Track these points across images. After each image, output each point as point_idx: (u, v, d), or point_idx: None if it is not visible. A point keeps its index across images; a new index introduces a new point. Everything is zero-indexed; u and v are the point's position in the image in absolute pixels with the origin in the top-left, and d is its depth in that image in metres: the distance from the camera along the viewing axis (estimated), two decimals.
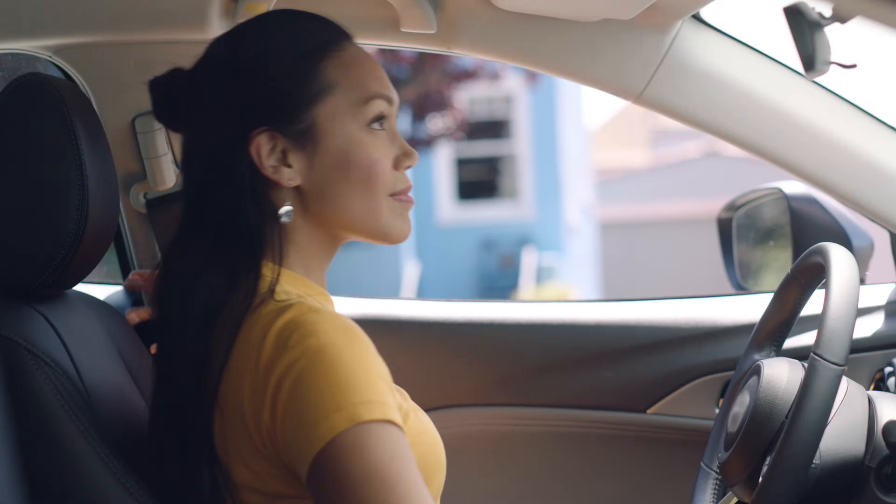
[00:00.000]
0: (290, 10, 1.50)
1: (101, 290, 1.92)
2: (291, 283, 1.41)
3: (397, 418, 1.29)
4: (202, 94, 1.44)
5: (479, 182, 14.67)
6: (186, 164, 1.45)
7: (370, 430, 1.26)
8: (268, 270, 1.40)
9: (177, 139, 1.85)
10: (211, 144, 1.42)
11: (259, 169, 1.40)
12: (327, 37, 1.45)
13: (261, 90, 1.41)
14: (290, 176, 1.41)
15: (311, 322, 1.30)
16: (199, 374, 1.36)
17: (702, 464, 1.70)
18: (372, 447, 1.25)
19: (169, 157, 1.85)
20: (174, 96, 1.49)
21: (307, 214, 1.43)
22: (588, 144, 18.82)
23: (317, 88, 1.41)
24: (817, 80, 1.76)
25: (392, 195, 1.44)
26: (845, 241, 1.94)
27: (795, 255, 2.02)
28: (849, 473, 1.47)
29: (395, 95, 1.47)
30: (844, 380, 1.51)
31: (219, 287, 1.38)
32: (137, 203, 1.87)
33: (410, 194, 1.47)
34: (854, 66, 1.20)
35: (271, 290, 1.36)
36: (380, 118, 1.44)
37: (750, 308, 1.99)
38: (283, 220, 1.41)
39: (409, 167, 1.46)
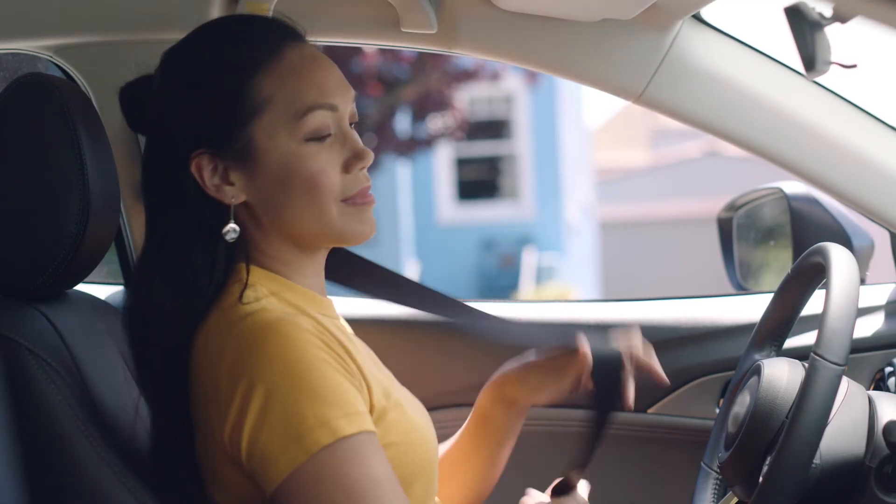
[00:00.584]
0: (232, 19, 1.50)
1: (102, 290, 1.92)
2: (272, 285, 1.42)
3: (360, 425, 1.30)
4: (158, 108, 1.45)
5: (480, 182, 14.66)
6: (145, 170, 1.46)
7: (333, 454, 1.28)
8: (245, 273, 1.41)
9: None
10: (161, 160, 1.44)
11: (203, 188, 1.41)
12: (263, 47, 1.42)
13: (196, 112, 1.42)
14: (233, 194, 1.41)
15: (262, 340, 1.32)
16: (169, 376, 1.40)
17: (702, 464, 1.70)
18: (335, 473, 1.28)
19: None
20: (141, 103, 1.49)
21: (261, 228, 1.44)
22: (588, 144, 18.81)
23: (251, 107, 1.39)
24: (818, 80, 1.76)
25: (345, 200, 1.42)
26: (846, 240, 1.94)
27: (796, 254, 2.02)
28: (849, 473, 1.47)
29: (340, 99, 1.42)
30: (845, 380, 1.51)
31: (179, 294, 1.40)
32: None
33: (370, 194, 1.45)
34: (854, 66, 1.20)
35: (239, 296, 1.38)
36: (320, 130, 1.40)
37: (750, 308, 1.99)
38: (227, 237, 1.41)
39: (362, 169, 1.43)
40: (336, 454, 1.28)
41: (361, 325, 1.79)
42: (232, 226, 1.41)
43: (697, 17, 1.79)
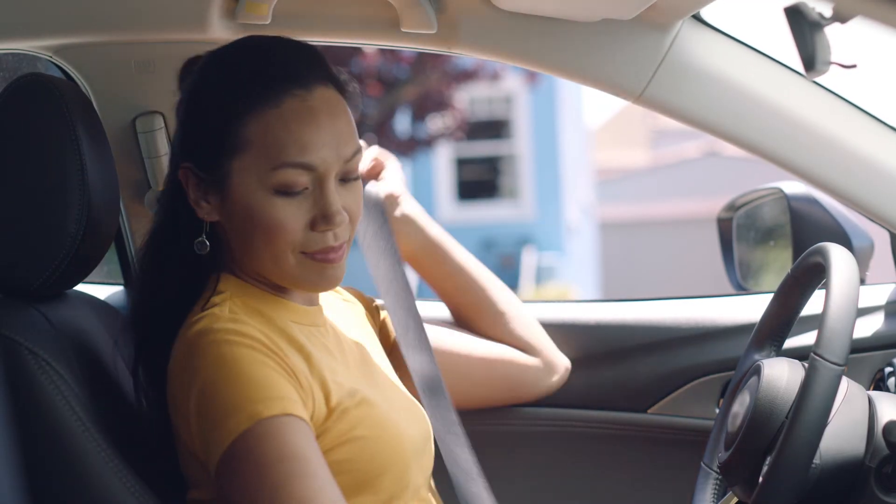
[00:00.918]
0: (260, 44, 1.49)
1: (102, 290, 1.92)
2: (242, 295, 1.47)
3: (283, 408, 1.35)
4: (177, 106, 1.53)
5: (479, 182, 14.66)
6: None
7: (253, 435, 1.34)
8: (223, 283, 1.48)
9: None
10: (169, 164, 1.54)
11: (186, 196, 1.47)
12: (265, 89, 1.43)
13: (191, 128, 1.48)
14: (207, 211, 1.47)
15: (202, 340, 1.39)
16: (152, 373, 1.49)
17: (702, 463, 1.70)
18: (274, 439, 1.33)
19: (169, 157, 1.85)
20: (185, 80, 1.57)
21: (232, 249, 1.49)
22: (588, 144, 18.81)
23: (233, 144, 1.43)
24: (817, 80, 1.76)
25: (304, 253, 1.45)
26: (845, 241, 1.94)
27: (795, 255, 2.02)
28: (849, 473, 1.47)
29: (322, 159, 1.43)
30: (844, 380, 1.51)
31: (168, 291, 1.48)
32: (154, 206, 1.86)
33: (334, 255, 1.46)
34: (854, 66, 1.20)
35: (204, 302, 1.45)
36: (288, 186, 1.42)
37: (750, 308, 1.99)
38: (196, 249, 1.47)
39: (327, 230, 1.44)
40: (255, 435, 1.33)
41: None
42: (202, 240, 1.47)
43: (697, 17, 1.79)
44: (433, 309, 2.08)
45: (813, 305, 1.69)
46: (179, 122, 1.50)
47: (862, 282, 1.94)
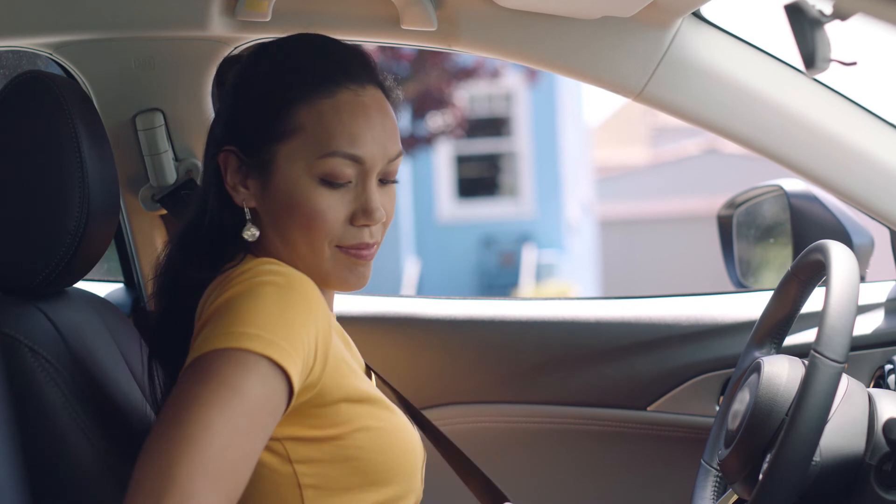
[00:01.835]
0: (314, 41, 1.51)
1: (102, 288, 1.92)
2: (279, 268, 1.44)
3: (266, 349, 1.27)
4: (223, 92, 1.52)
5: (479, 179, 14.66)
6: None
7: (213, 358, 1.26)
8: (254, 262, 1.43)
9: (177, 137, 1.85)
10: (206, 147, 1.51)
11: (223, 182, 1.46)
12: (322, 79, 1.44)
13: (238, 112, 1.47)
14: (245, 197, 1.46)
15: (259, 271, 1.35)
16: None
17: (702, 461, 1.70)
18: (214, 372, 1.25)
19: (169, 154, 1.85)
20: (225, 78, 1.62)
21: (267, 237, 1.47)
22: (588, 142, 18.81)
23: (283, 127, 1.43)
24: (818, 77, 1.76)
25: (339, 247, 1.45)
26: (845, 238, 1.94)
27: (796, 252, 2.02)
28: (849, 471, 1.47)
29: (371, 153, 1.44)
30: (844, 377, 1.51)
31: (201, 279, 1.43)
32: (149, 205, 1.85)
33: (371, 251, 1.46)
34: (854, 63, 1.20)
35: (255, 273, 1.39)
36: (335, 176, 1.43)
37: (750, 305, 1.99)
38: (246, 237, 1.45)
39: (365, 225, 1.45)
40: (213, 360, 1.26)
41: (361, 324, 1.79)
42: (251, 229, 1.45)
43: (697, 15, 1.79)
44: (433, 307, 2.08)
45: (813, 303, 1.69)
46: (227, 106, 1.48)
47: (862, 279, 1.94)
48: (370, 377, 1.65)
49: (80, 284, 1.61)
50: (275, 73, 1.46)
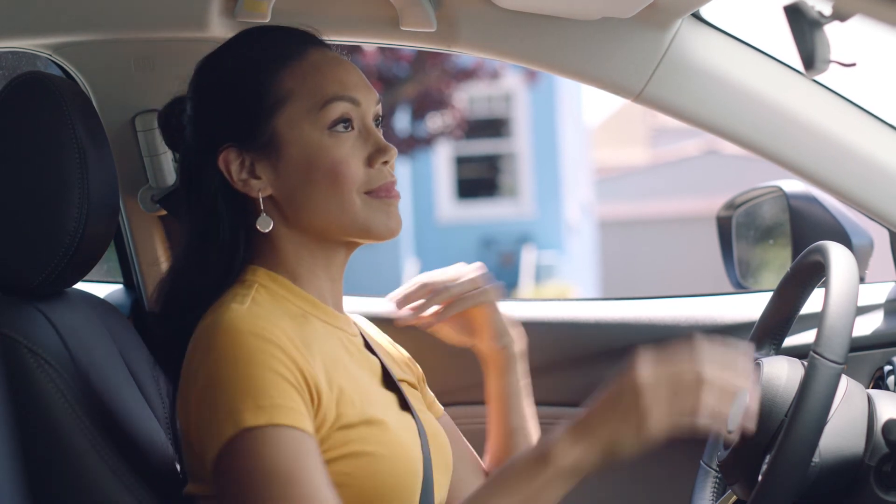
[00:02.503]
0: (257, 27, 1.55)
1: (102, 289, 1.92)
2: (272, 285, 1.45)
3: (271, 418, 1.30)
4: (188, 115, 1.51)
5: (479, 180, 14.66)
6: (181, 185, 1.52)
7: (255, 436, 1.29)
8: (251, 273, 1.45)
9: None
10: (189, 165, 1.50)
11: (230, 183, 1.45)
12: (286, 48, 1.48)
13: (222, 110, 1.47)
14: (260, 187, 1.45)
15: (214, 332, 1.35)
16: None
17: (701, 462, 1.70)
18: (255, 452, 1.29)
19: (169, 155, 1.85)
20: (173, 123, 1.56)
21: (287, 222, 1.47)
22: (587, 143, 18.82)
23: (273, 100, 1.45)
24: (817, 78, 1.76)
25: (368, 192, 1.46)
26: (845, 239, 1.94)
27: (795, 253, 2.02)
28: (848, 472, 1.47)
29: (363, 95, 1.48)
30: (844, 378, 1.51)
31: (207, 289, 1.44)
32: (148, 206, 1.85)
33: (397, 189, 1.48)
34: (854, 64, 1.20)
35: (231, 297, 1.41)
36: (342, 120, 1.45)
37: (749, 306, 1.99)
38: (261, 229, 1.45)
39: (385, 163, 1.47)
40: (238, 446, 1.30)
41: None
42: (266, 219, 1.45)
43: (696, 16, 1.79)
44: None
45: (812, 304, 1.69)
46: (208, 111, 1.48)
47: (861, 280, 1.94)
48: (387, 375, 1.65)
49: (80, 285, 1.61)
50: (244, 59, 1.48)
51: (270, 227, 1.45)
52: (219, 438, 1.30)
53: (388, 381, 1.53)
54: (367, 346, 1.56)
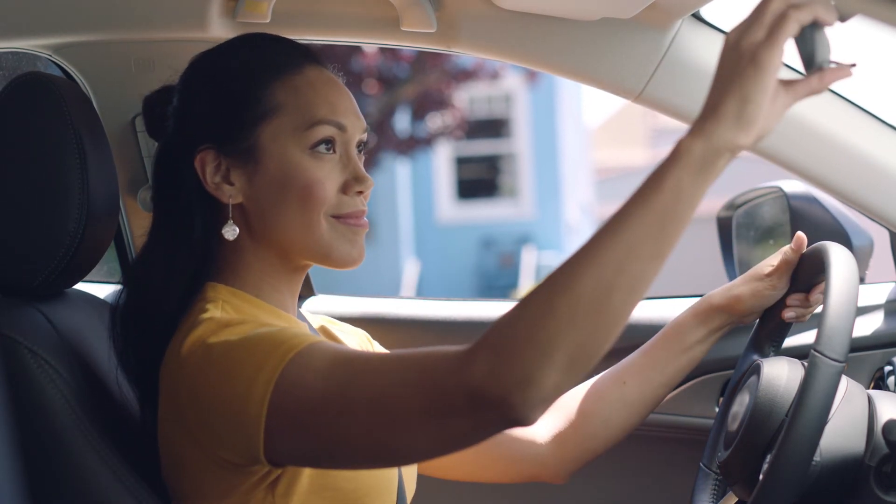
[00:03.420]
0: (259, 34, 1.53)
1: (102, 289, 1.92)
2: (235, 300, 1.44)
3: (309, 339, 1.28)
4: (174, 107, 1.50)
5: (479, 181, 14.67)
6: (153, 171, 1.51)
7: (298, 363, 1.25)
8: (211, 290, 1.44)
9: None
10: (168, 156, 1.48)
11: (203, 185, 1.45)
12: (284, 60, 1.47)
13: (208, 109, 1.46)
14: (231, 193, 1.45)
15: (206, 346, 1.32)
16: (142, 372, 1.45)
17: (700, 464, 1.70)
18: (307, 373, 1.25)
19: None
20: (158, 112, 1.53)
21: (252, 234, 1.46)
22: (587, 143, 18.82)
23: (262, 110, 1.44)
24: None
25: (336, 217, 1.45)
26: (845, 239, 1.94)
27: None
28: (849, 472, 1.47)
29: (350, 122, 1.47)
30: (844, 378, 1.51)
31: (168, 297, 1.43)
32: (148, 207, 1.85)
33: (366, 219, 1.48)
34: (854, 65, 1.20)
35: (200, 312, 1.39)
36: (325, 142, 1.44)
37: None
38: (227, 236, 1.45)
39: (360, 192, 1.46)
40: (290, 375, 1.25)
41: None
42: (232, 226, 1.44)
43: (697, 16, 1.79)
44: (433, 308, 2.08)
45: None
46: (194, 107, 1.47)
47: (861, 281, 1.94)
48: None
49: (80, 286, 1.61)
50: (239, 63, 1.47)
51: (235, 236, 1.45)
52: (258, 408, 1.25)
53: None
54: None
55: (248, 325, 1.34)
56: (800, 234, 1.65)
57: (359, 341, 1.70)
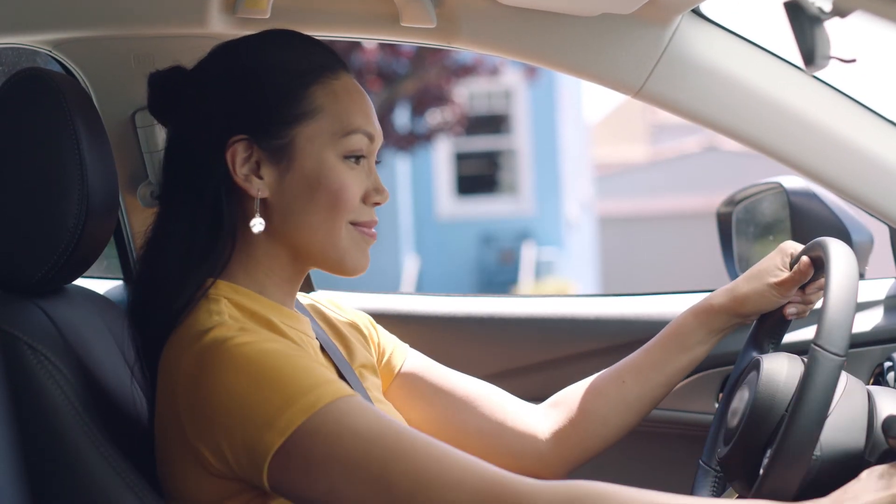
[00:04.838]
0: (295, 32, 1.54)
1: (101, 285, 1.92)
2: (235, 297, 1.44)
3: (335, 392, 1.31)
4: (194, 94, 1.49)
5: (479, 177, 14.66)
6: (167, 161, 1.50)
7: (330, 413, 1.28)
8: (213, 287, 1.44)
9: None
10: (191, 144, 1.47)
11: (231, 175, 1.45)
12: (323, 62, 1.49)
13: (247, 100, 1.46)
14: (260, 187, 1.45)
15: (212, 356, 1.33)
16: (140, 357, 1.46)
17: (700, 462, 1.70)
18: (344, 425, 1.28)
19: None
20: (170, 92, 1.52)
21: (270, 230, 1.47)
22: (587, 139, 18.82)
23: (302, 109, 1.45)
24: (817, 74, 1.76)
25: (354, 224, 1.48)
26: (845, 235, 1.94)
27: None
28: (849, 467, 1.47)
29: (378, 133, 1.50)
30: (844, 374, 1.51)
31: (183, 292, 1.43)
32: (148, 202, 1.85)
33: (374, 230, 1.51)
34: (854, 60, 1.20)
35: (205, 309, 1.40)
36: (357, 155, 1.47)
37: None
38: (254, 229, 1.45)
39: (377, 203, 1.50)
40: (317, 426, 1.28)
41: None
42: (260, 220, 1.45)
43: (696, 12, 1.79)
44: (433, 304, 2.08)
45: None
46: (228, 97, 1.46)
47: (861, 276, 1.94)
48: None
49: (80, 281, 1.61)
50: (279, 56, 1.48)
51: (262, 230, 1.45)
52: (285, 429, 1.28)
53: (347, 382, 1.54)
54: (322, 349, 1.57)
55: (266, 336, 1.36)
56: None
57: (363, 323, 1.72)
